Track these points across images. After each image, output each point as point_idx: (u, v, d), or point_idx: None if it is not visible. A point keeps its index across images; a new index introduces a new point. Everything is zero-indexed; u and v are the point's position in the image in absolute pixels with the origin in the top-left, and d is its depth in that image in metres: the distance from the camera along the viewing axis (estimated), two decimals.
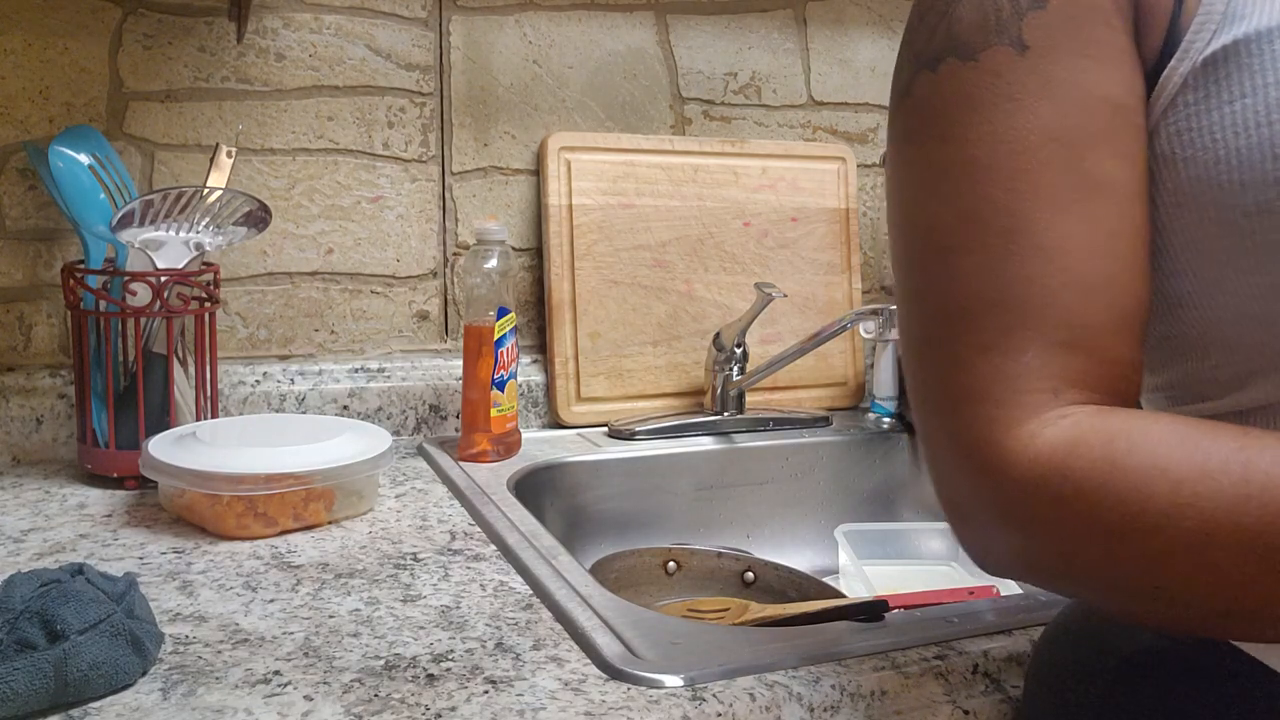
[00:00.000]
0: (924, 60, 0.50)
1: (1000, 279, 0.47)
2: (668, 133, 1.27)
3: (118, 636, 0.58)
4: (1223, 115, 0.46)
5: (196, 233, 0.96)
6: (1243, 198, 0.45)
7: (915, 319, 0.50)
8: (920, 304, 0.50)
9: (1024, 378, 0.46)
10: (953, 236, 0.48)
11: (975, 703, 0.64)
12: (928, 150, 0.49)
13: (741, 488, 1.16)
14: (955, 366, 0.48)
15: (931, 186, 0.49)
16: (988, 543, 0.47)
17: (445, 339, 1.20)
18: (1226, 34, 0.46)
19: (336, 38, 1.12)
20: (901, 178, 0.52)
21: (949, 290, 0.48)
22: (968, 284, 0.47)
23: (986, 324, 0.47)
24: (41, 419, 1.02)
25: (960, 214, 0.48)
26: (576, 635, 0.66)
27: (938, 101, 0.49)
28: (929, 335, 0.49)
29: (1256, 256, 0.45)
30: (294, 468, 0.83)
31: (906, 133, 0.51)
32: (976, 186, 0.47)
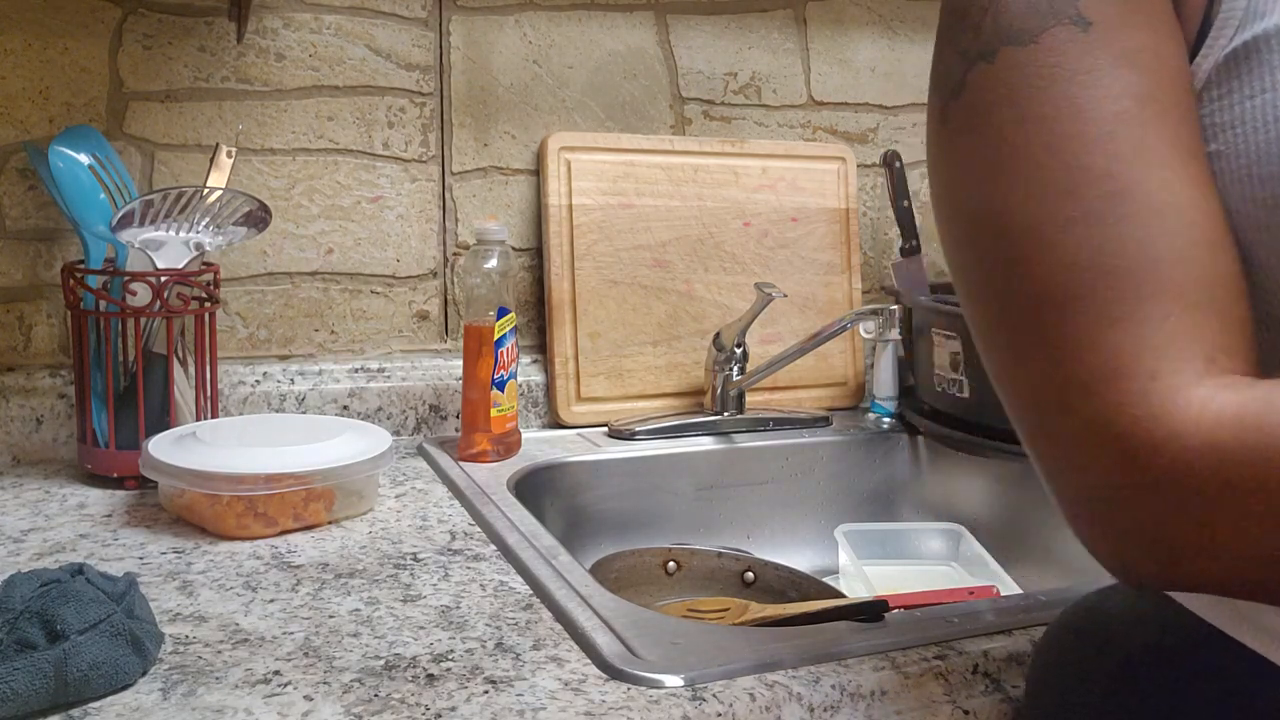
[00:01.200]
0: (975, 54, 0.48)
1: (1117, 245, 0.43)
2: (668, 133, 1.27)
3: (118, 636, 0.58)
4: (1244, 110, 0.46)
5: (196, 233, 0.96)
6: (1261, 191, 0.45)
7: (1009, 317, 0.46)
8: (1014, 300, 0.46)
9: (1175, 344, 0.42)
10: (1050, 213, 0.44)
11: (975, 703, 0.64)
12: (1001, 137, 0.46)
13: (741, 488, 1.16)
14: (1081, 347, 0.43)
15: (1014, 172, 0.46)
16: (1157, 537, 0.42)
17: (445, 339, 1.20)
18: (1248, 30, 0.46)
19: (336, 38, 1.12)
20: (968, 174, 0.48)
21: (1052, 270, 0.44)
22: (1077, 257, 0.43)
23: (1111, 295, 0.43)
24: (41, 419, 1.02)
25: (1054, 189, 0.44)
26: (576, 635, 0.66)
27: (1002, 89, 0.47)
28: (1035, 326, 0.45)
29: (1273, 250, 0.45)
30: (294, 468, 0.83)
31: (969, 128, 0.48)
32: (1070, 157, 0.44)
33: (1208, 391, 0.41)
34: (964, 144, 0.48)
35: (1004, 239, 0.46)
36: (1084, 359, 0.43)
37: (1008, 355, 0.47)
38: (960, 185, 0.49)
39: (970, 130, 0.48)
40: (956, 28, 0.50)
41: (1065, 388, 0.44)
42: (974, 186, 0.48)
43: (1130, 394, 0.42)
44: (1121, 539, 0.43)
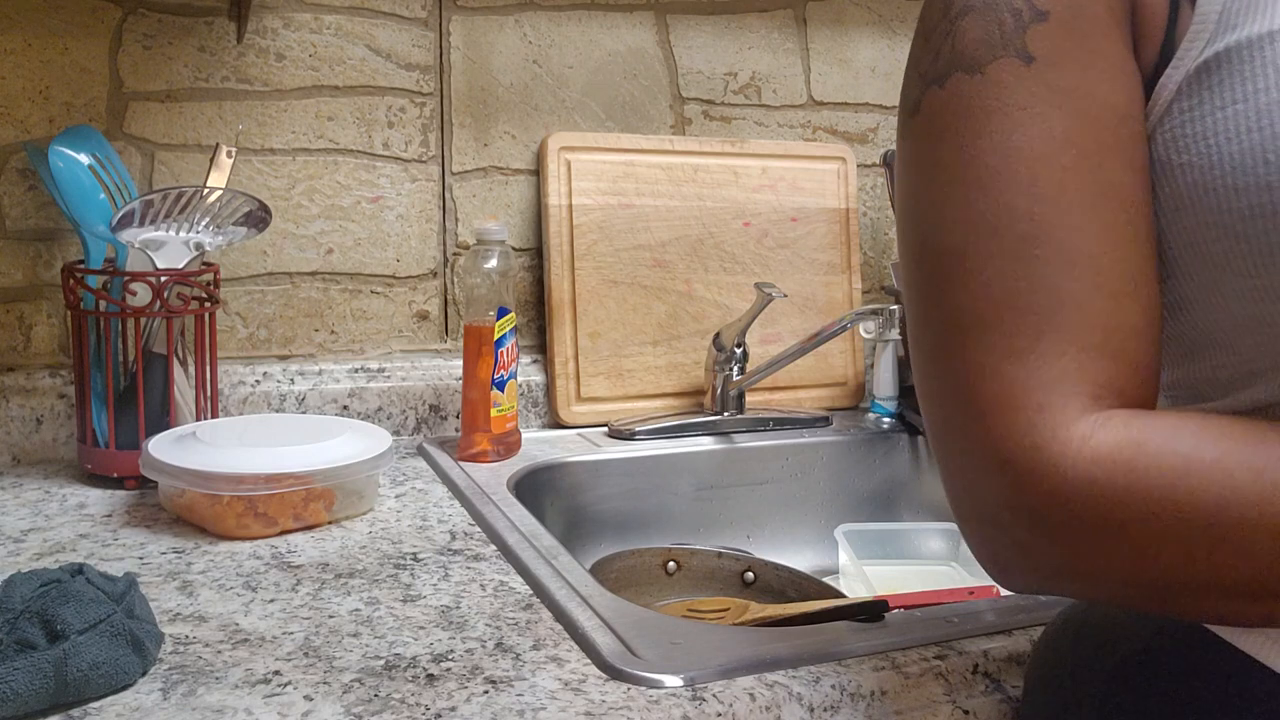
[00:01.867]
0: (931, 78, 0.51)
1: (1026, 284, 0.46)
2: (668, 133, 1.27)
3: (118, 636, 0.58)
4: (1216, 121, 0.46)
5: (196, 233, 0.96)
6: (1238, 201, 0.45)
7: (931, 330, 0.49)
8: (936, 314, 0.49)
9: (1064, 381, 0.45)
10: (972, 244, 0.47)
11: (975, 703, 0.64)
12: (941, 162, 0.49)
13: (741, 488, 1.16)
14: (982, 374, 0.46)
15: (946, 197, 0.49)
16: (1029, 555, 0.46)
17: (445, 339, 1.20)
18: (1220, 41, 0.47)
19: (336, 38, 1.12)
20: (913, 191, 0.51)
21: (969, 298, 0.47)
22: (990, 290, 0.47)
23: (1014, 329, 0.46)
24: (41, 419, 1.02)
25: (978, 222, 0.47)
26: (576, 635, 0.66)
27: (948, 115, 0.49)
28: (947, 345, 0.48)
29: (1253, 259, 0.46)
30: (294, 468, 0.83)
31: (917, 148, 0.51)
32: (993, 194, 0.47)
33: (1088, 428, 0.44)
34: (914, 163, 0.51)
35: (932, 259, 0.49)
36: (983, 386, 0.46)
37: (924, 369, 0.50)
38: (906, 202, 0.52)
39: (919, 151, 0.51)
40: (921, 48, 0.52)
41: (963, 410, 0.47)
42: (916, 205, 0.51)
43: (1018, 424, 0.45)
44: (999, 553, 0.47)
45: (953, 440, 0.48)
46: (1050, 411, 0.45)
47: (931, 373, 0.49)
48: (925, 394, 0.50)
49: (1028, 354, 0.46)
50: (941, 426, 0.49)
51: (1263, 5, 0.46)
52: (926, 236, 0.50)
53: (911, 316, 0.51)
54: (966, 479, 0.47)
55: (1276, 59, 0.45)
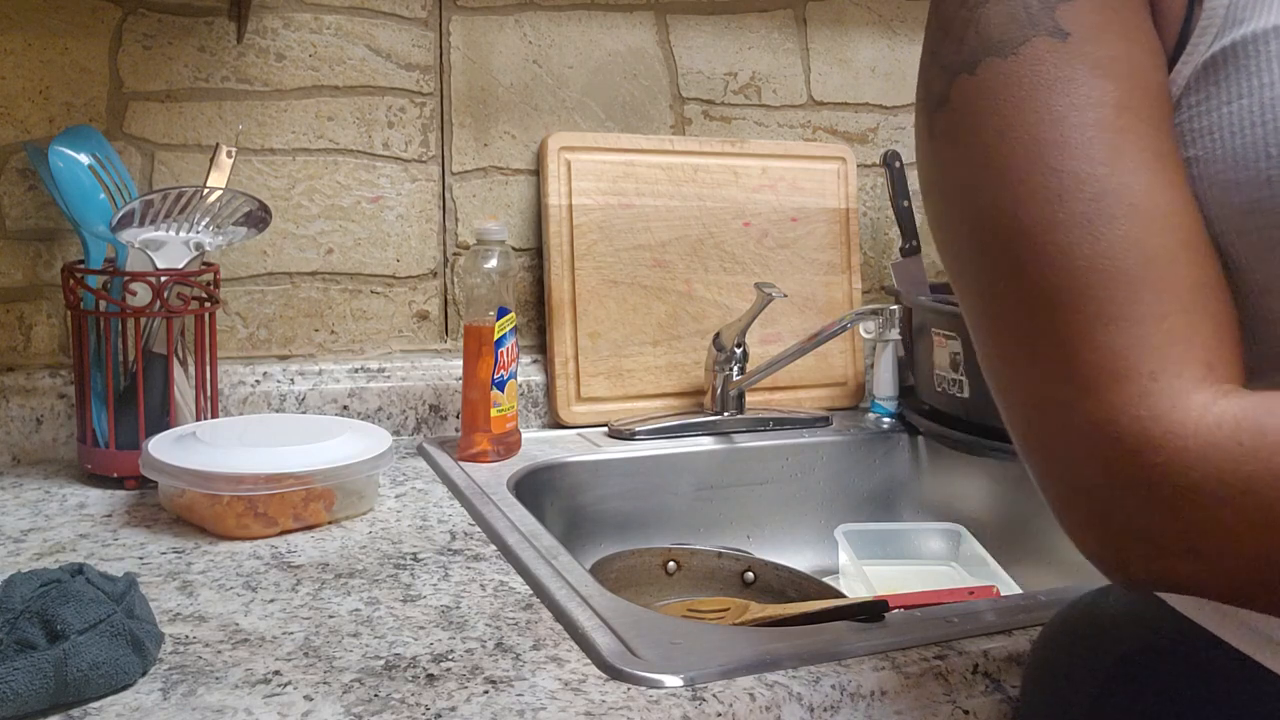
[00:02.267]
0: (958, 67, 0.49)
1: (1108, 246, 0.43)
2: (668, 133, 1.27)
3: (118, 636, 0.58)
4: (1221, 116, 0.46)
5: (196, 233, 0.96)
6: (1238, 196, 0.45)
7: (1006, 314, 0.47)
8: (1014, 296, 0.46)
9: (1172, 346, 0.42)
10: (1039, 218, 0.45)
11: (975, 703, 0.64)
12: (986, 146, 0.47)
13: (741, 488, 1.16)
14: (1078, 347, 0.43)
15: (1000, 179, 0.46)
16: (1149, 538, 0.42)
17: (445, 339, 1.20)
18: (1226, 36, 0.47)
19: (336, 38, 1.12)
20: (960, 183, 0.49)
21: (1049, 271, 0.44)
22: (1071, 259, 0.44)
23: (1106, 295, 0.43)
24: (41, 419, 1.02)
25: (1041, 194, 0.45)
26: (576, 635, 0.66)
27: (986, 100, 0.48)
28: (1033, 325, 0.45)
29: (1251, 255, 0.46)
30: (294, 468, 0.83)
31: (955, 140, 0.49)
32: (1052, 163, 0.45)
33: (1207, 397, 0.42)
34: (951, 156, 0.49)
35: (996, 245, 0.47)
36: (1083, 358, 0.43)
37: (1006, 357, 0.47)
38: (951, 196, 0.50)
39: (956, 142, 0.49)
40: (940, 41, 0.51)
41: (1065, 386, 0.44)
42: (964, 196, 0.49)
43: (1130, 394, 0.42)
44: (1112, 536, 0.44)
45: (1050, 424, 0.45)
46: (1164, 379, 0.42)
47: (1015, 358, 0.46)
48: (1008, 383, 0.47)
49: (1126, 319, 0.43)
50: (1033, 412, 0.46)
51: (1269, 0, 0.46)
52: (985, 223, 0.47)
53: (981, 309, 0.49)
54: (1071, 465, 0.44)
55: None
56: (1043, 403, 0.45)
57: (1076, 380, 0.43)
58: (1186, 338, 0.42)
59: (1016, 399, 0.47)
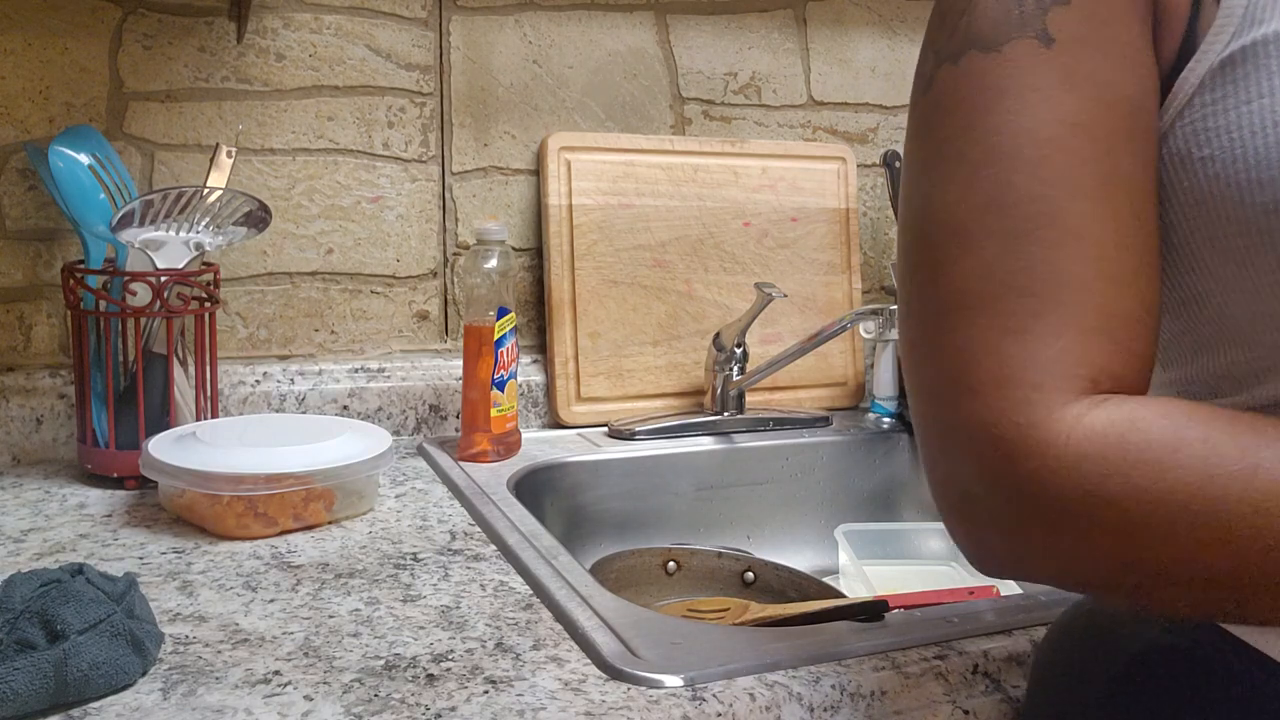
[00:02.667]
0: (945, 55, 0.50)
1: (1028, 264, 0.45)
2: (668, 133, 1.27)
3: (118, 636, 0.58)
4: (1240, 115, 0.46)
5: (196, 233, 0.96)
6: (1260, 196, 0.45)
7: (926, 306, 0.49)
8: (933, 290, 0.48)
9: (1061, 362, 0.44)
10: (975, 222, 0.47)
11: (975, 703, 0.64)
12: (949, 139, 0.49)
13: (741, 488, 1.16)
14: (978, 352, 0.46)
15: (951, 175, 0.48)
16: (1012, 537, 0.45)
17: (445, 339, 1.20)
18: (1245, 36, 0.46)
19: (336, 38, 1.12)
20: (920, 168, 0.51)
21: (970, 276, 0.47)
22: (992, 269, 0.46)
23: (1014, 308, 0.45)
24: (41, 419, 1.02)
25: (983, 200, 0.47)
26: (576, 635, 0.66)
27: (960, 92, 0.49)
28: (943, 322, 0.47)
29: (1274, 254, 0.45)
30: (294, 468, 0.83)
31: (928, 125, 0.50)
32: (1000, 173, 0.46)
33: (1082, 408, 0.44)
34: (921, 138, 0.51)
35: (933, 236, 0.49)
36: (979, 362, 0.46)
37: (917, 345, 0.49)
38: (911, 177, 0.51)
39: (929, 127, 0.50)
40: (937, 28, 0.52)
41: (957, 385, 0.46)
42: (920, 181, 0.50)
43: (1013, 400, 0.44)
44: (980, 531, 0.46)
45: (941, 418, 0.47)
46: (1046, 390, 0.44)
47: (923, 351, 0.49)
48: (913, 372, 0.50)
49: (1026, 333, 0.45)
50: (929, 404, 0.48)
51: None
52: (929, 212, 0.49)
53: (905, 294, 0.51)
54: (952, 458, 0.47)
55: None
56: (938, 397, 0.47)
57: (970, 382, 0.46)
58: (1077, 357, 0.45)
59: (918, 389, 0.49)
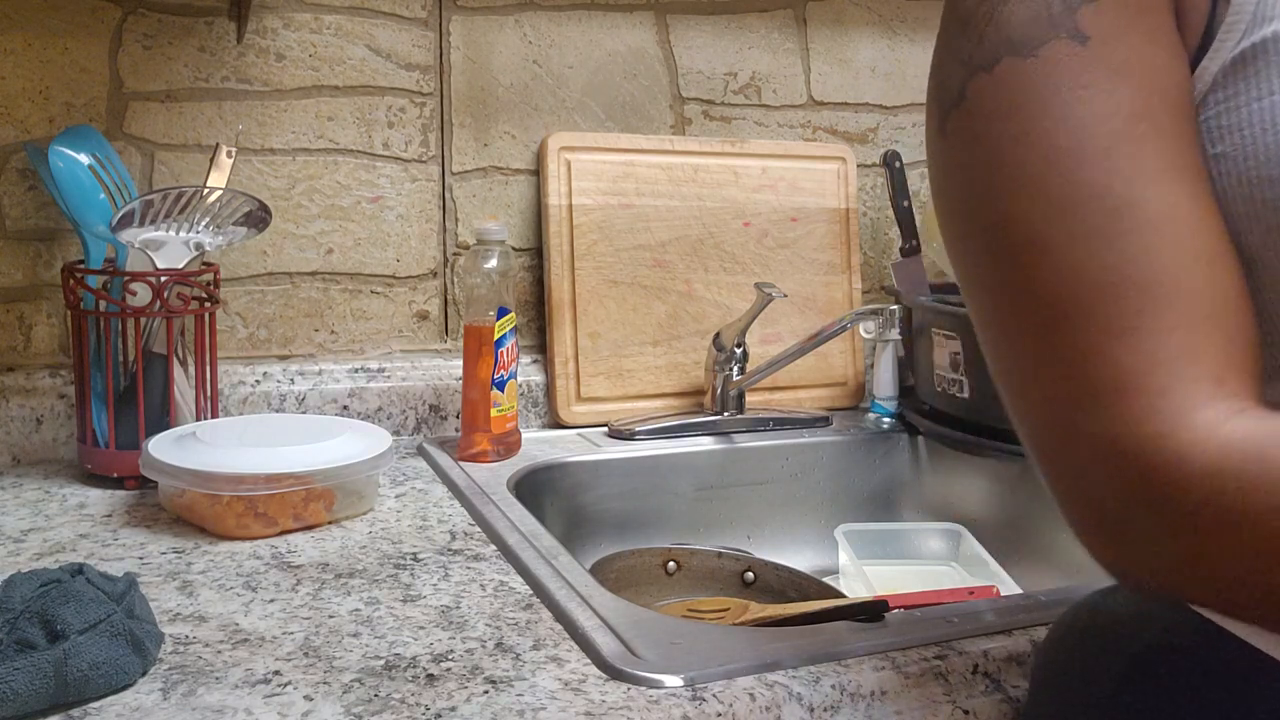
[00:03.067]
0: (976, 64, 0.49)
1: (1120, 259, 0.44)
2: (668, 133, 1.27)
3: (118, 636, 0.58)
4: (1251, 112, 0.46)
5: (196, 233, 0.96)
6: (1271, 191, 0.45)
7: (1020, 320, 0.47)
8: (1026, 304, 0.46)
9: (1182, 360, 0.42)
10: (1053, 227, 0.45)
11: (975, 703, 0.64)
12: (1001, 149, 0.47)
13: (741, 488, 1.16)
14: (1090, 361, 0.44)
15: (1014, 184, 0.46)
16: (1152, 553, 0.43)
17: (445, 339, 1.20)
18: (1256, 33, 0.46)
19: (336, 38, 1.12)
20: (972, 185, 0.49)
21: (1060, 282, 0.45)
22: (1082, 271, 0.44)
23: (1117, 309, 0.43)
24: (41, 419, 1.02)
25: (1056, 203, 0.45)
26: (576, 635, 0.66)
27: (1002, 101, 0.47)
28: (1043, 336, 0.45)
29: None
30: (294, 468, 0.83)
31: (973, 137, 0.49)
32: (1067, 173, 0.45)
33: (1217, 415, 0.42)
34: (965, 157, 0.49)
35: (1009, 253, 0.47)
36: (1092, 371, 0.44)
37: (1016, 367, 0.47)
38: (964, 198, 0.49)
39: (972, 142, 0.49)
40: (959, 37, 0.50)
41: (1074, 399, 0.44)
42: (977, 200, 0.48)
43: (1139, 410, 0.42)
44: (1121, 549, 0.45)
45: (1062, 434, 0.45)
46: (1173, 395, 0.42)
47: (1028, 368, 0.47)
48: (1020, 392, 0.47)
49: (1136, 332, 0.43)
50: (1045, 423, 0.46)
51: None
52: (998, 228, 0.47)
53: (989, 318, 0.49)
54: (1082, 473, 0.44)
55: None
56: (1052, 414, 0.45)
57: (1085, 394, 0.44)
58: (1196, 352, 0.42)
59: (1027, 409, 0.47)
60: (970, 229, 0.49)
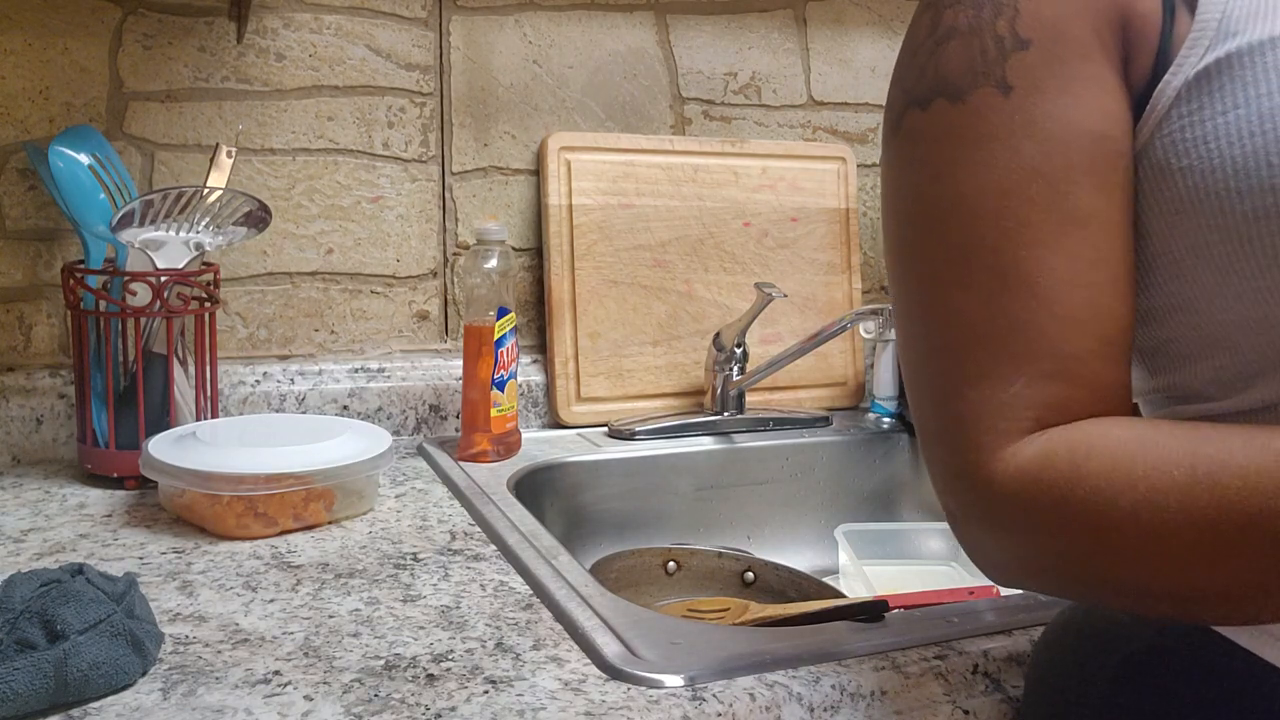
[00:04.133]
0: (914, 98, 0.52)
1: (990, 314, 0.49)
2: (668, 133, 1.27)
3: (118, 636, 0.58)
4: (1217, 126, 0.47)
5: (196, 233, 0.96)
6: (1241, 204, 0.46)
7: (915, 349, 0.53)
8: (920, 333, 0.53)
9: (1011, 406, 0.49)
10: (948, 272, 0.51)
11: (975, 703, 0.64)
12: (920, 186, 0.52)
13: (741, 488, 1.16)
14: (950, 395, 0.51)
15: (926, 222, 0.52)
16: (983, 549, 0.51)
17: (445, 339, 1.20)
18: (1220, 48, 0.47)
19: (336, 38, 1.12)
20: (897, 209, 0.54)
21: (945, 323, 0.51)
22: (961, 318, 0.50)
23: (979, 356, 0.50)
24: (41, 419, 1.02)
25: (953, 251, 0.50)
26: (576, 635, 0.66)
27: (929, 140, 0.51)
28: (928, 365, 0.52)
29: (1257, 261, 0.46)
30: (294, 468, 0.83)
31: (900, 166, 0.54)
32: (966, 225, 0.50)
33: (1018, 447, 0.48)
34: (898, 180, 0.54)
35: (910, 282, 0.53)
36: (952, 405, 0.51)
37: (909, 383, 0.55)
38: (889, 217, 0.55)
39: (903, 169, 0.53)
40: (908, 65, 0.54)
41: (935, 424, 0.52)
42: (897, 226, 0.54)
43: (971, 443, 0.50)
44: (970, 549, 0.52)
45: (927, 450, 0.53)
46: (994, 433, 0.49)
47: (915, 390, 0.54)
48: (910, 404, 0.55)
49: (989, 378, 0.49)
50: (921, 437, 0.54)
51: (1264, 11, 0.47)
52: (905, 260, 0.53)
53: (900, 330, 0.55)
54: (938, 487, 0.53)
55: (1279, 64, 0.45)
56: (924, 432, 0.53)
57: (943, 423, 0.51)
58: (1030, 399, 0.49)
59: (915, 422, 0.55)
60: (889, 252, 0.55)
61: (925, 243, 0.52)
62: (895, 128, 0.54)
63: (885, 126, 0.55)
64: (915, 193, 0.52)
